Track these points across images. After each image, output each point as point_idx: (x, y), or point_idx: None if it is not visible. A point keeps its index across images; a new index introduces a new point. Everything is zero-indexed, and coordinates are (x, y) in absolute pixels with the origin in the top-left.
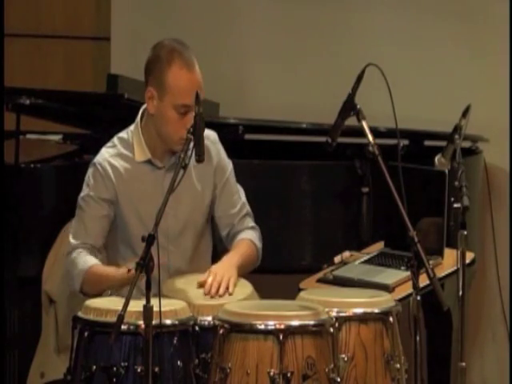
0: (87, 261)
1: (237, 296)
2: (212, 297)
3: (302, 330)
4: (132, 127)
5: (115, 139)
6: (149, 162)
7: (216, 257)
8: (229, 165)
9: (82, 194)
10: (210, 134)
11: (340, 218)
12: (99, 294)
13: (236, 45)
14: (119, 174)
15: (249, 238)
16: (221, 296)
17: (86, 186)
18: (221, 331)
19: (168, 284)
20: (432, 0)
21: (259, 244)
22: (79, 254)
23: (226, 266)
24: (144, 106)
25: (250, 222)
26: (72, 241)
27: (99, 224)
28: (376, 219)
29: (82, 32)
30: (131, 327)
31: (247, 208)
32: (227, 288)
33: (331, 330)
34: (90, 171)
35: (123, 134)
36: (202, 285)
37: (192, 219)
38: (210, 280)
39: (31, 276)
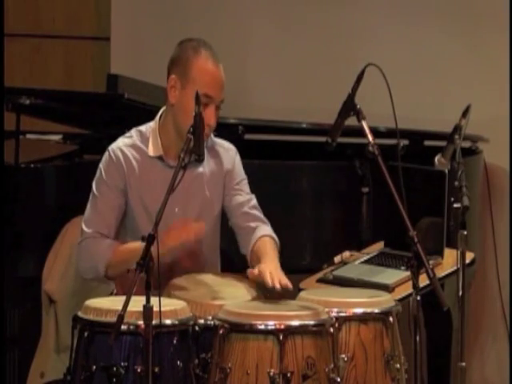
0: (111, 243)
1: (244, 297)
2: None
3: (302, 330)
4: (152, 123)
5: (133, 131)
6: (161, 158)
7: (224, 263)
8: (244, 177)
9: (96, 179)
10: (224, 144)
11: (340, 218)
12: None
13: (236, 45)
14: (130, 164)
15: (268, 234)
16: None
17: (99, 171)
18: (221, 331)
19: (174, 284)
20: (432, 0)
21: (277, 238)
22: (95, 239)
23: (273, 267)
24: (164, 108)
25: (261, 214)
26: (85, 229)
27: (113, 214)
28: (376, 219)
29: (82, 32)
30: (131, 327)
31: (255, 201)
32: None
33: (331, 329)
34: (104, 157)
35: (142, 128)
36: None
37: None
38: (267, 273)
39: (31, 276)
